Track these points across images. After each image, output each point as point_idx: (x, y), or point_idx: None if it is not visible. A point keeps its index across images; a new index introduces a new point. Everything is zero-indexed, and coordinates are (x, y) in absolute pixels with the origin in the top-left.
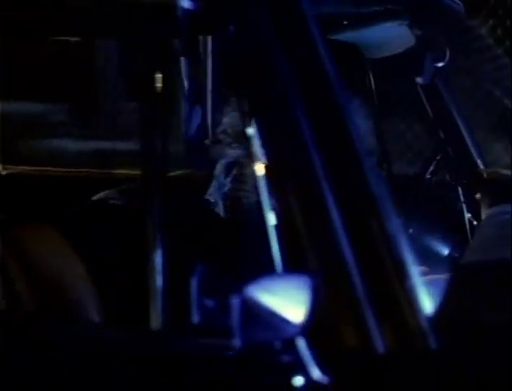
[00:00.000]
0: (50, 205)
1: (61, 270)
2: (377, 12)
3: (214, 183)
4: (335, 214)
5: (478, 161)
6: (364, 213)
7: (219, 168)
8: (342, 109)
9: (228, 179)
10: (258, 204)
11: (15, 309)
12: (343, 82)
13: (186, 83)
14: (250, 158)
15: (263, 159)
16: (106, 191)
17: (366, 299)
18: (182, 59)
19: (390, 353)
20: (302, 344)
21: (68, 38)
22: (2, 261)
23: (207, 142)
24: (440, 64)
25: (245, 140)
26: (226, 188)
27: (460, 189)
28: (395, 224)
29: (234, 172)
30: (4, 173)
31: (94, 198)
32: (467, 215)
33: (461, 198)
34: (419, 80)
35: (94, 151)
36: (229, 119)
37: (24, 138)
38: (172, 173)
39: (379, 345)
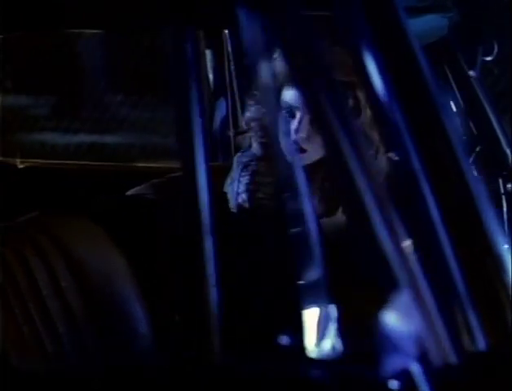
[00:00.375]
0: (74, 199)
1: (104, 264)
2: (428, 6)
3: (230, 189)
4: (434, 212)
5: (508, 151)
6: (464, 210)
7: (235, 173)
8: (439, 104)
9: (241, 187)
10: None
11: (60, 306)
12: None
13: (211, 76)
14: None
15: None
16: (141, 186)
17: (467, 299)
18: (207, 51)
19: (493, 351)
20: (413, 366)
21: (87, 30)
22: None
23: (230, 133)
24: (489, 58)
25: (271, 134)
26: (240, 198)
27: (500, 181)
28: (493, 219)
29: (247, 179)
30: (22, 166)
31: (129, 193)
32: (506, 206)
33: (502, 189)
34: (472, 73)
35: (86, 145)
36: (251, 114)
37: (12, 131)
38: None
39: (482, 345)
